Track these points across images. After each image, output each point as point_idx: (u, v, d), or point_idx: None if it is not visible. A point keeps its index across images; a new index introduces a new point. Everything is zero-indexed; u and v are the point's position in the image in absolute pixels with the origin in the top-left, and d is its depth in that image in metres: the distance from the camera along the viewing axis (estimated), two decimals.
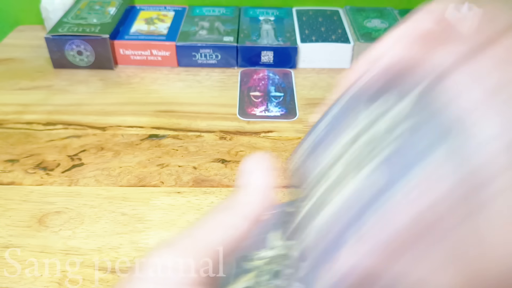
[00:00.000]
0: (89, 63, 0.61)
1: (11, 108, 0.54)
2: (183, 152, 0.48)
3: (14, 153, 0.47)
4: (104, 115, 0.53)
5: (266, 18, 0.68)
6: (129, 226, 0.40)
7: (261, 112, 0.54)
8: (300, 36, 0.63)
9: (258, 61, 0.62)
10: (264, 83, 0.59)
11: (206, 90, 0.58)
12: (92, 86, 0.58)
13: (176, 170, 0.46)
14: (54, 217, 0.40)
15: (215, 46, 0.61)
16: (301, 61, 0.63)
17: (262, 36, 0.63)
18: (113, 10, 0.65)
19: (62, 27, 0.61)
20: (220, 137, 0.50)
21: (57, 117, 0.53)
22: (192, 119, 0.53)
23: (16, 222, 0.40)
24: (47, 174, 0.45)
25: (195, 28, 0.64)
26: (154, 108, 0.54)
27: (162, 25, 0.65)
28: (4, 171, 0.45)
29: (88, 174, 0.45)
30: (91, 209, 0.41)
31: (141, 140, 0.49)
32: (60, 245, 0.38)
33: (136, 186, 0.44)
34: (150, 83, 0.59)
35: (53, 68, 0.61)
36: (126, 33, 0.63)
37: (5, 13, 0.73)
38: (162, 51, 0.61)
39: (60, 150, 0.48)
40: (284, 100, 0.56)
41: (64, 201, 0.42)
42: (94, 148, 0.48)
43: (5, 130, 0.51)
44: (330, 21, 0.67)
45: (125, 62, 0.62)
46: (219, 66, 0.62)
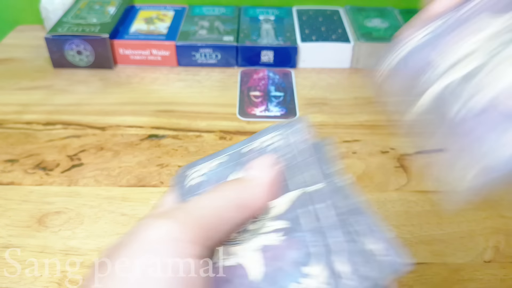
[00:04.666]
0: (89, 63, 0.61)
1: (11, 108, 0.54)
2: (183, 152, 0.48)
3: (14, 153, 0.47)
4: (104, 115, 0.53)
5: (266, 18, 0.68)
6: (129, 226, 0.40)
7: (261, 112, 0.54)
8: (300, 35, 0.63)
9: (258, 61, 0.62)
10: (264, 83, 0.59)
11: (206, 90, 0.58)
12: (92, 86, 0.58)
13: (176, 170, 0.46)
14: (53, 217, 0.40)
15: (215, 45, 0.61)
16: (301, 61, 0.62)
17: (262, 35, 0.63)
18: (112, 10, 0.65)
19: (62, 27, 0.61)
20: (220, 137, 0.50)
21: (56, 117, 0.53)
22: (192, 119, 0.53)
23: (16, 222, 0.40)
24: (46, 174, 0.45)
25: (195, 28, 0.64)
26: (154, 108, 0.54)
27: (162, 24, 0.65)
28: (3, 171, 0.45)
29: (87, 174, 0.45)
30: (91, 209, 0.41)
31: (140, 140, 0.49)
32: (60, 245, 0.38)
33: (136, 186, 0.44)
34: (150, 83, 0.59)
35: (53, 68, 0.61)
36: (126, 32, 0.63)
37: (5, 13, 0.73)
38: (162, 50, 0.61)
39: (59, 150, 0.48)
40: (284, 100, 0.56)
41: (63, 201, 0.42)
42: (93, 148, 0.48)
43: (5, 130, 0.51)
44: (330, 20, 0.67)
45: (125, 62, 0.62)
46: (219, 66, 0.62)
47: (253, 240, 0.20)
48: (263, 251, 0.19)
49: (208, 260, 0.19)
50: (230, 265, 0.19)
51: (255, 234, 0.20)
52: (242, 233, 0.21)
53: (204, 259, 0.18)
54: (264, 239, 0.20)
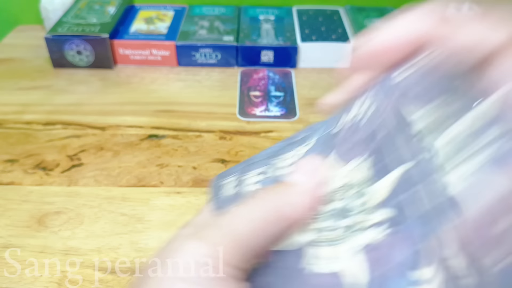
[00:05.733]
0: (89, 63, 0.61)
1: (11, 108, 0.54)
2: (182, 152, 0.48)
3: (14, 153, 0.47)
4: (104, 115, 0.53)
5: (266, 18, 0.68)
6: (129, 226, 0.40)
7: (261, 112, 0.54)
8: (300, 35, 0.63)
9: (258, 61, 0.62)
10: (264, 82, 0.59)
11: (206, 89, 0.58)
12: (92, 86, 0.58)
13: (175, 170, 0.46)
14: (53, 217, 0.40)
15: (215, 45, 0.61)
16: (301, 61, 0.62)
17: (262, 35, 0.63)
18: (112, 10, 0.65)
19: (61, 27, 0.61)
20: (220, 137, 0.50)
21: (56, 117, 0.53)
22: (191, 119, 0.53)
23: (15, 222, 0.40)
24: (46, 174, 0.45)
25: (195, 28, 0.64)
26: (154, 108, 0.54)
27: (162, 24, 0.65)
28: (3, 171, 0.45)
29: (87, 174, 0.45)
30: (91, 209, 0.41)
31: (140, 140, 0.49)
32: (60, 245, 0.38)
33: (136, 186, 0.44)
34: (150, 83, 0.59)
35: (52, 68, 0.61)
36: (126, 32, 0.63)
37: (5, 13, 0.73)
38: (161, 50, 0.61)
39: (59, 150, 0.48)
40: (284, 100, 0.56)
41: (63, 201, 0.42)
42: (93, 148, 0.48)
43: (5, 130, 0.51)
44: (330, 20, 0.67)
45: (125, 62, 0.62)
46: (219, 66, 0.62)
47: (351, 238, 0.16)
48: (367, 251, 0.16)
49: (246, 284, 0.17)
50: (323, 273, 0.16)
51: (353, 230, 0.17)
52: (343, 231, 0.17)
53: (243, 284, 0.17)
54: (367, 235, 0.16)
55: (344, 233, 0.17)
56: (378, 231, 0.16)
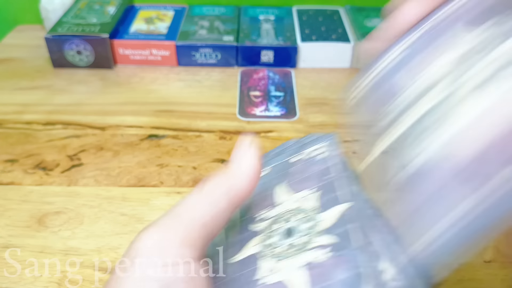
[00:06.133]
0: (89, 63, 0.61)
1: (11, 108, 0.54)
2: (182, 152, 0.48)
3: (14, 153, 0.47)
4: (104, 115, 0.53)
5: (266, 18, 0.68)
6: (129, 226, 0.40)
7: (261, 112, 0.54)
8: (300, 35, 0.63)
9: (258, 61, 0.62)
10: (264, 82, 0.59)
11: (206, 89, 0.58)
12: (92, 86, 0.58)
13: (175, 170, 0.46)
14: (53, 217, 0.40)
15: (215, 45, 0.61)
16: (301, 61, 0.62)
17: (262, 35, 0.63)
18: (112, 10, 0.65)
19: (61, 27, 0.61)
20: (220, 137, 0.50)
21: (56, 117, 0.53)
22: (191, 119, 0.53)
23: (15, 222, 0.40)
24: (46, 174, 0.45)
25: (195, 28, 0.64)
26: (154, 108, 0.54)
27: (162, 24, 0.65)
28: (3, 171, 0.45)
29: (87, 174, 0.45)
30: (91, 209, 0.41)
31: (140, 140, 0.49)
32: (60, 245, 0.38)
33: (136, 186, 0.44)
34: (150, 83, 0.59)
35: (52, 68, 0.61)
36: (126, 32, 0.63)
37: (5, 13, 0.73)
38: (161, 50, 0.61)
39: (59, 150, 0.48)
40: (284, 100, 0.56)
41: (63, 201, 0.42)
42: (93, 148, 0.48)
43: (5, 130, 0.51)
44: (331, 20, 0.67)
45: (125, 62, 0.62)
46: (219, 66, 0.62)
47: (298, 255, 0.18)
48: (309, 268, 0.18)
49: (207, 260, 0.19)
50: (273, 282, 0.18)
51: (300, 249, 0.18)
52: (287, 248, 0.19)
53: (203, 260, 0.18)
54: (310, 255, 0.18)
55: (288, 250, 0.19)
56: (321, 252, 0.18)
